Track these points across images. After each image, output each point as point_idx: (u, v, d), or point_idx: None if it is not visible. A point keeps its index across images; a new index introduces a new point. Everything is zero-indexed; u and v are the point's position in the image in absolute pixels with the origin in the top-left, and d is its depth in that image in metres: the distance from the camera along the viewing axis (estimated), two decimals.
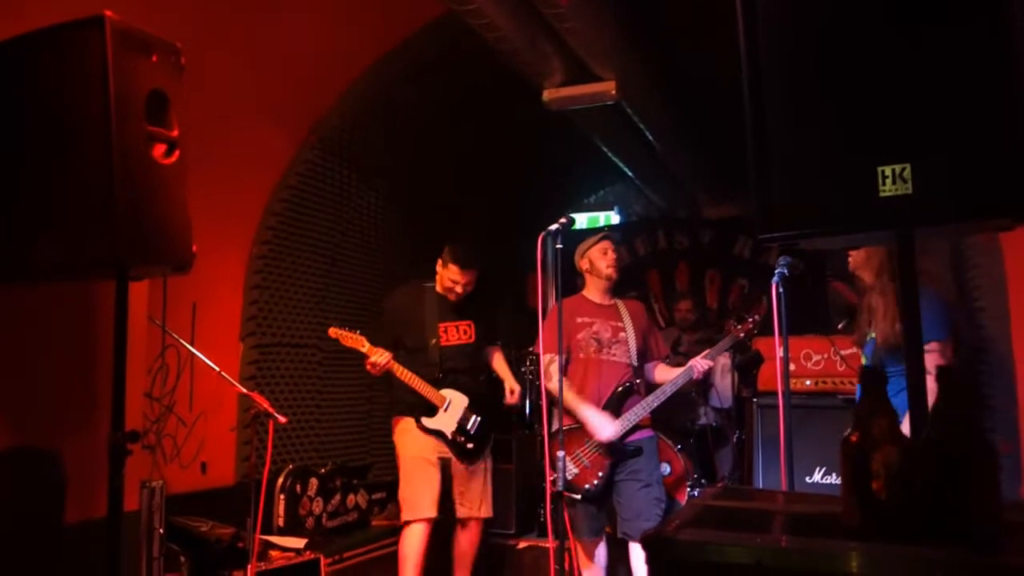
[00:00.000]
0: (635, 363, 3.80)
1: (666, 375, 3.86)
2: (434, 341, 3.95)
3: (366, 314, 5.14)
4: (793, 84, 1.49)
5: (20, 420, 2.46)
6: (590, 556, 3.76)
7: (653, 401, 3.71)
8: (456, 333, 4.02)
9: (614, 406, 3.70)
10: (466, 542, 4.05)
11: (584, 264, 3.87)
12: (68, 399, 2.60)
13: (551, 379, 3.52)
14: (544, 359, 3.56)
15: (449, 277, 3.96)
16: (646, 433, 3.76)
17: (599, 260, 3.82)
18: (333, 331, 3.93)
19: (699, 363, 3.70)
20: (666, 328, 6.56)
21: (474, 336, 4.07)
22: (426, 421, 3.90)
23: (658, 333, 4.06)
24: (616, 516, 3.75)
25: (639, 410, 3.68)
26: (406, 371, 3.86)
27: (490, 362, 4.22)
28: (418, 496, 3.84)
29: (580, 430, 3.68)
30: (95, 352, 2.62)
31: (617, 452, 3.66)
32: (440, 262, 4.02)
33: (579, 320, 3.75)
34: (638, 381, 3.82)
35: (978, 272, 3.37)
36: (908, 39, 1.38)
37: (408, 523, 3.85)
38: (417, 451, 3.90)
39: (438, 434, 3.90)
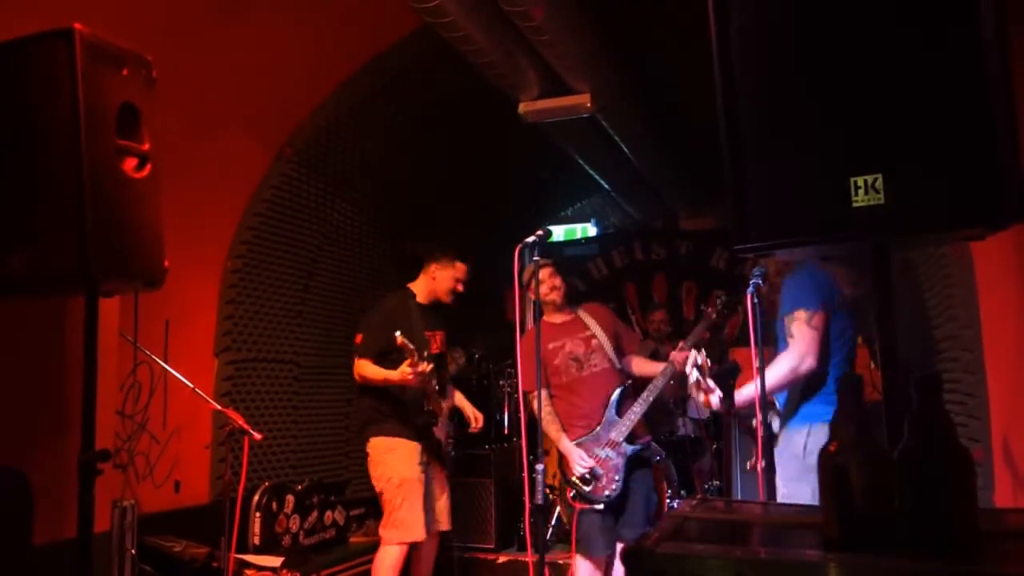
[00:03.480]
0: (619, 365, 3.81)
1: (643, 367, 3.84)
2: (427, 352, 3.91)
3: (343, 326, 5.11)
4: (766, 95, 1.50)
5: None
6: (601, 571, 3.64)
7: (648, 397, 3.65)
8: (433, 343, 4.03)
9: (616, 411, 3.68)
10: (427, 555, 4.02)
11: (532, 296, 3.83)
12: (36, 417, 2.55)
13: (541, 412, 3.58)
14: (528, 397, 3.55)
15: (455, 276, 4.00)
16: (645, 439, 3.77)
17: (538, 289, 3.79)
18: (401, 339, 3.58)
19: (677, 355, 3.63)
20: (643, 341, 6.57)
21: (442, 347, 4.11)
22: (436, 431, 3.95)
23: (626, 327, 4.05)
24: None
25: (637, 409, 3.64)
26: (431, 383, 3.85)
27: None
28: (415, 519, 3.77)
29: (590, 440, 3.66)
30: (65, 369, 2.57)
31: (629, 455, 3.64)
32: (436, 266, 4.01)
33: (550, 346, 3.73)
34: (628, 383, 3.80)
35: (950, 282, 3.41)
36: (881, 50, 1.39)
37: (395, 543, 3.78)
38: (412, 472, 3.82)
39: (436, 444, 3.95)
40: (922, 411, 1.16)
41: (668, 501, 4.70)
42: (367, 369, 3.77)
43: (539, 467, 3.18)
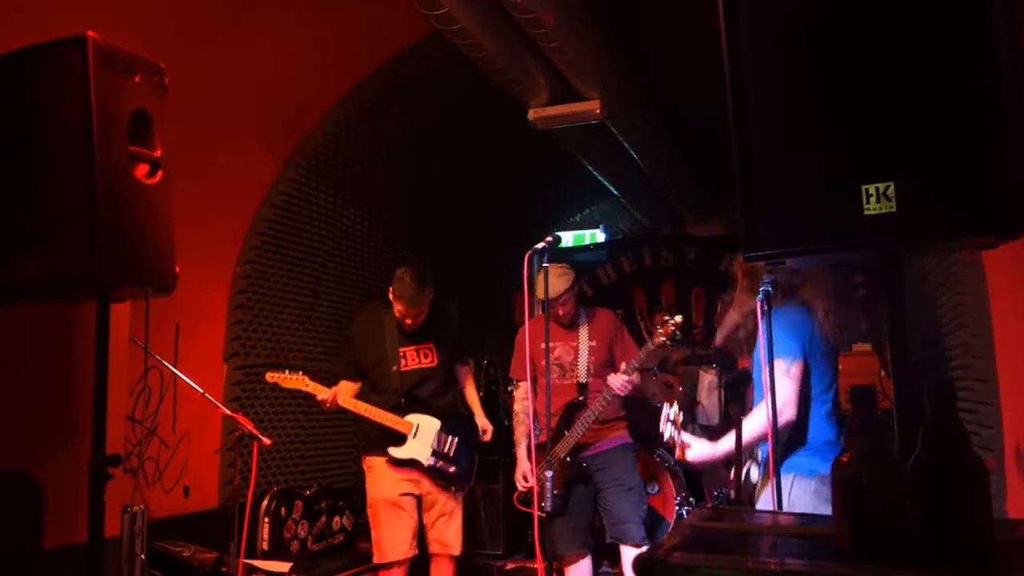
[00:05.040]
0: (585, 380, 3.82)
1: (612, 380, 3.76)
2: (395, 368, 3.74)
3: None
4: (777, 101, 1.50)
5: None
6: (570, 571, 3.76)
7: (588, 418, 3.70)
8: (417, 357, 3.81)
9: (563, 424, 3.75)
10: None
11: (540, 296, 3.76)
12: (47, 421, 2.56)
13: (515, 404, 3.94)
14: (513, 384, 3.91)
15: (398, 309, 3.73)
16: (618, 441, 3.79)
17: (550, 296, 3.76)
18: (270, 376, 3.73)
19: (614, 380, 3.66)
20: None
21: (436, 360, 3.84)
22: (395, 451, 3.67)
23: (627, 339, 3.97)
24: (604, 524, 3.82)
25: (579, 429, 3.69)
26: (360, 403, 3.66)
27: (462, 388, 4.05)
28: (386, 540, 3.66)
29: (543, 447, 3.70)
30: (76, 373, 2.58)
31: (572, 471, 3.70)
32: (391, 289, 3.74)
33: (542, 345, 3.65)
34: (580, 398, 3.81)
35: (961, 289, 3.40)
36: (892, 57, 1.39)
37: (380, 568, 3.70)
38: (383, 493, 3.69)
39: (412, 464, 3.69)
40: (935, 420, 1.16)
41: (677, 509, 4.67)
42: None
43: (548, 474, 3.19)
